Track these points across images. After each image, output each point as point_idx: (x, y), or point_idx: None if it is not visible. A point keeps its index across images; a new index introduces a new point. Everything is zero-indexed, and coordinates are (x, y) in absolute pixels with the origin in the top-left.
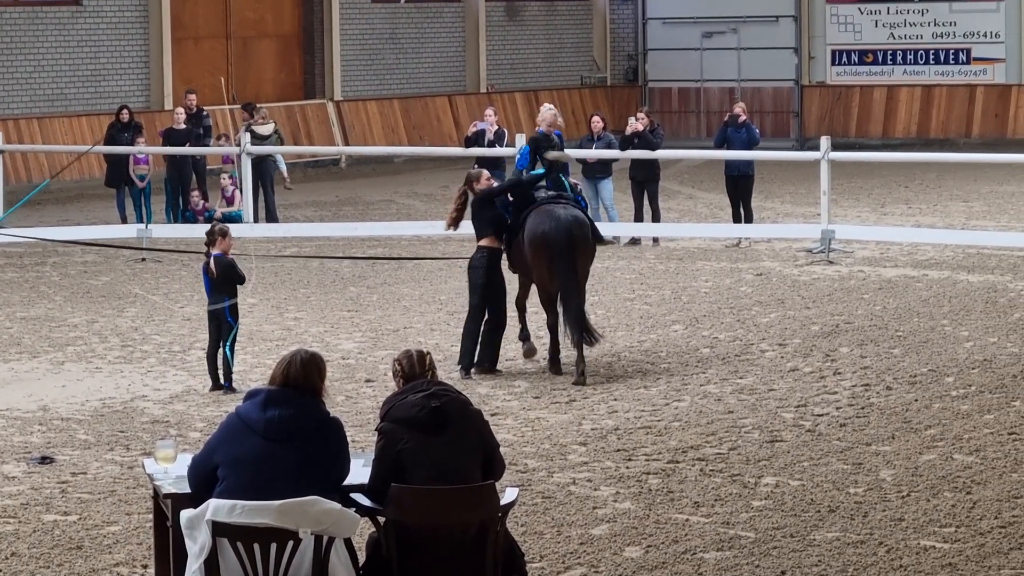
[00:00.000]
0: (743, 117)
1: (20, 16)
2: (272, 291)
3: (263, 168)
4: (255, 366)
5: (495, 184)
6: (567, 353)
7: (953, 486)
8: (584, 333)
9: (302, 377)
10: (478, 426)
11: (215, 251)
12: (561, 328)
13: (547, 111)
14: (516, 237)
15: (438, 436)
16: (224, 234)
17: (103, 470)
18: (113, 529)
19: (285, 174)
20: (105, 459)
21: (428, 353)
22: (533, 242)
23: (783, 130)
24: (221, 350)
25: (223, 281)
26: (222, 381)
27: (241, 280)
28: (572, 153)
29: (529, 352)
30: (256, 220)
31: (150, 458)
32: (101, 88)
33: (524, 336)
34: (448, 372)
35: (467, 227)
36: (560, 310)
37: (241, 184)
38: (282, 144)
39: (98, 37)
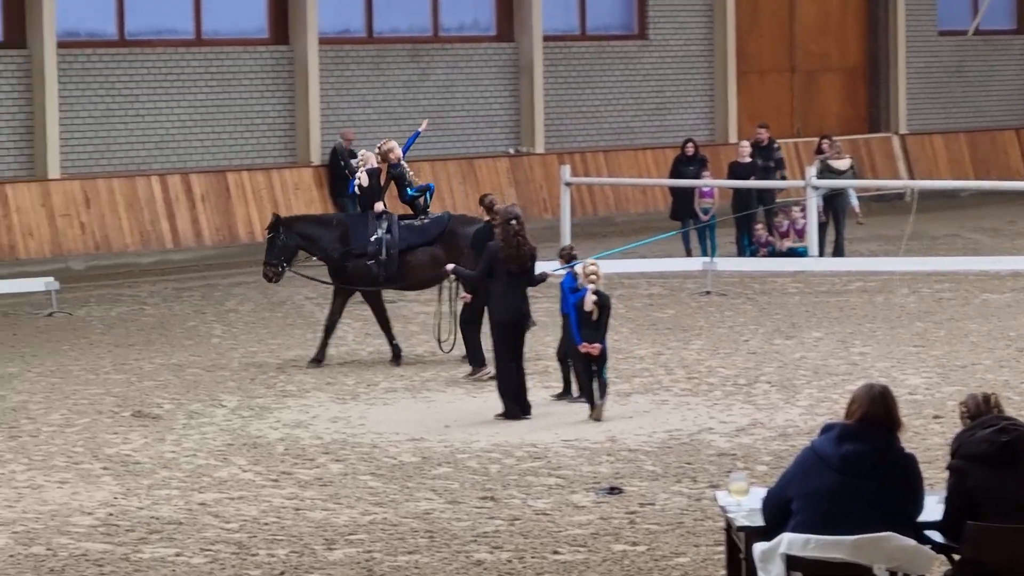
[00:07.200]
0: None
1: (587, 50)
2: (837, 325)
3: (837, 202)
4: (821, 400)
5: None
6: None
7: None
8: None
9: (882, 413)
10: None
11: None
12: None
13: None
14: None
15: (1010, 471)
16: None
17: (671, 501)
18: (682, 560)
19: (857, 209)
20: (672, 491)
21: (993, 394)
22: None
23: None
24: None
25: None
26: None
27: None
28: None
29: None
30: (821, 254)
31: (722, 490)
32: (666, 121)
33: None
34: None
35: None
36: None
37: (807, 218)
38: (855, 179)
39: (663, 71)
